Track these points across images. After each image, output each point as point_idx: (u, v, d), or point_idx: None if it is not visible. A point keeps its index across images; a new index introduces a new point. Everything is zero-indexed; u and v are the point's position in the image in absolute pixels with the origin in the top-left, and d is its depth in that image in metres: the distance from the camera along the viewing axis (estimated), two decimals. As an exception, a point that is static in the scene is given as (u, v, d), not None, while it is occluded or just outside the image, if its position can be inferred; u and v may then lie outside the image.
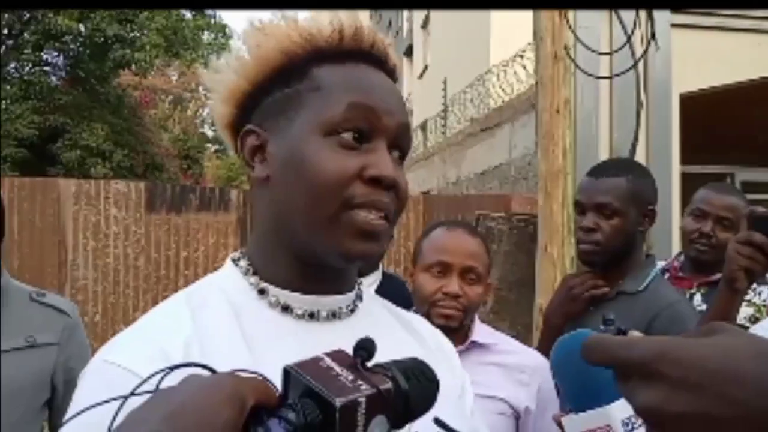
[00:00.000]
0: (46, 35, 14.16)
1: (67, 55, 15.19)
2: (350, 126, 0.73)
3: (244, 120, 0.79)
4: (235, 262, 0.80)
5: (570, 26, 3.67)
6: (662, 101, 4.02)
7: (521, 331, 4.61)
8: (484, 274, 1.56)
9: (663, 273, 2.26)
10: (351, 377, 0.50)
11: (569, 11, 3.72)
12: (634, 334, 0.68)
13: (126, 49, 14.09)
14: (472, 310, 1.54)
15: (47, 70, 15.23)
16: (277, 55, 0.76)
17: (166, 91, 17.83)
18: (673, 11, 3.98)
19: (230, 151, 0.86)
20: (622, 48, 3.62)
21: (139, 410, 0.46)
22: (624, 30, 3.73)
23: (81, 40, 14.42)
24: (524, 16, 4.68)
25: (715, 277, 2.15)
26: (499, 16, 10.77)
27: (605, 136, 4.00)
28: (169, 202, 6.15)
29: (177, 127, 17.46)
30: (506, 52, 7.57)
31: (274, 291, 0.77)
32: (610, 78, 3.80)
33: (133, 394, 0.50)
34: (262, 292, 0.77)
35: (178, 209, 6.16)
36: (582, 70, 3.69)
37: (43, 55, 15.08)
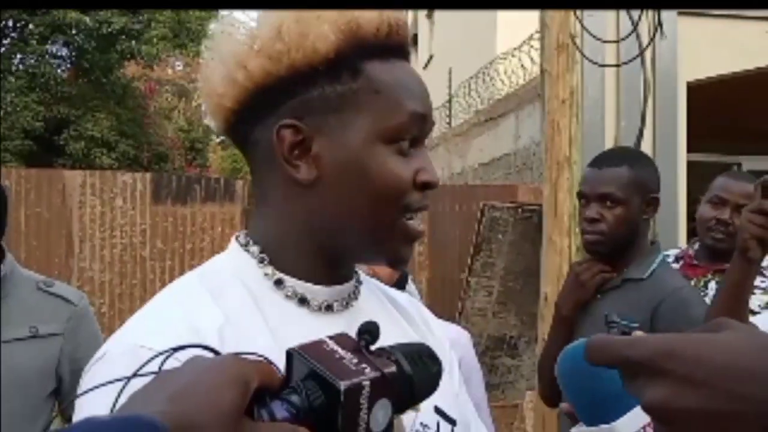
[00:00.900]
0: (53, 27, 14.17)
1: (72, 46, 15.21)
2: (410, 135, 0.75)
3: (260, 106, 0.73)
4: (244, 247, 0.77)
5: (576, 15, 3.65)
6: (669, 90, 3.99)
7: (527, 320, 4.61)
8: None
9: (677, 261, 2.27)
10: (355, 360, 0.50)
11: (575, -1, 3.70)
12: (639, 334, 0.68)
13: (132, 41, 14.11)
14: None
15: (52, 62, 15.24)
16: (328, 46, 0.70)
17: (171, 81, 17.82)
18: (679, -1, 3.95)
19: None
20: (628, 36, 3.60)
21: (144, 390, 0.46)
22: (630, 18, 3.71)
23: (87, 32, 14.42)
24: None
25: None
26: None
27: (611, 125, 3.97)
28: (174, 193, 6.17)
29: (182, 118, 17.46)
30: (512, 41, 7.53)
31: (291, 281, 0.76)
32: (616, 66, 3.78)
33: (136, 375, 0.50)
34: (279, 282, 0.75)
35: (184, 200, 6.17)
36: (588, 58, 3.66)
37: (49, 47, 15.08)
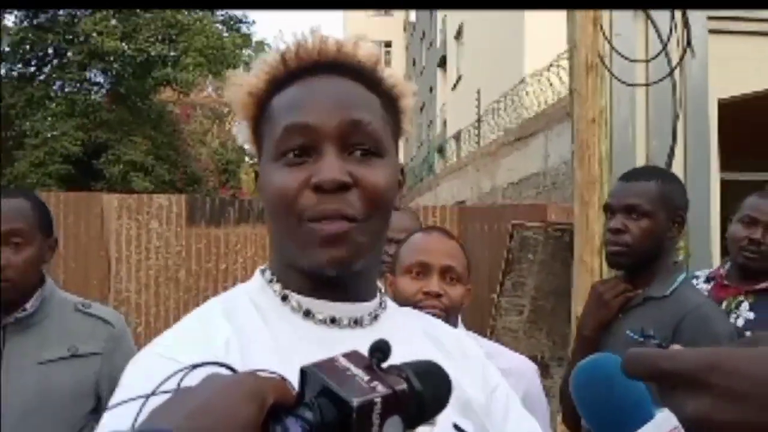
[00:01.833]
0: (91, 55, 14.58)
1: (110, 73, 15.62)
2: (290, 147, 0.77)
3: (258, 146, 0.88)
4: (261, 272, 0.86)
5: (604, 35, 3.65)
6: (700, 108, 3.95)
7: (558, 341, 4.56)
8: (464, 275, 1.55)
9: (708, 281, 2.24)
10: (367, 378, 0.52)
11: (603, 19, 3.70)
12: (676, 347, 0.68)
13: (168, 68, 14.45)
14: (454, 311, 1.53)
15: (91, 88, 15.66)
16: (247, 99, 0.82)
17: (204, 105, 18.16)
18: (708, 17, 3.92)
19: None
20: (657, 56, 3.58)
21: (163, 407, 0.48)
22: (659, 38, 3.69)
23: (124, 60, 14.81)
24: (558, 26, 4.67)
25: (763, 284, 2.12)
26: (532, 26, 10.72)
27: (642, 144, 3.94)
28: (208, 215, 6.27)
29: (215, 141, 17.75)
30: (540, 61, 7.53)
31: (296, 297, 0.81)
32: (646, 86, 3.76)
33: (154, 393, 0.52)
34: (285, 298, 0.81)
35: (218, 222, 6.26)
36: (617, 78, 3.66)
37: (87, 74, 15.51)
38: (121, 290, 6.13)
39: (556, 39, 5.48)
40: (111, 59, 14.81)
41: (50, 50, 15.48)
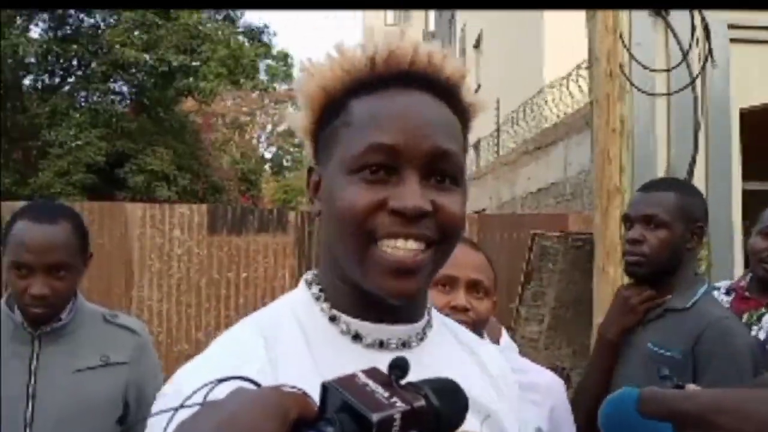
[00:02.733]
0: (115, 66, 14.80)
1: (133, 84, 15.83)
2: (370, 164, 0.73)
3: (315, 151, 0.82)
4: (308, 284, 0.81)
5: (624, 44, 3.64)
6: (721, 117, 3.93)
7: (578, 350, 4.53)
8: (491, 289, 1.53)
9: (728, 293, 2.22)
10: (386, 394, 0.53)
11: (623, 28, 3.69)
12: (691, 387, 0.68)
13: (190, 78, 14.61)
14: (480, 325, 1.52)
15: (114, 98, 15.88)
16: (319, 92, 0.77)
17: (225, 115, 18.33)
18: (729, 26, 3.90)
19: (285, 173, 0.89)
20: (678, 66, 3.56)
21: (191, 420, 0.50)
22: (680, 47, 3.68)
23: (147, 70, 15.01)
24: (578, 35, 4.66)
25: None
26: (552, 35, 10.70)
27: (662, 153, 3.92)
28: (230, 224, 6.32)
29: (236, 151, 17.90)
30: (559, 70, 7.52)
31: (345, 319, 0.77)
32: (666, 95, 3.74)
33: (182, 406, 0.53)
34: (333, 319, 0.78)
35: (239, 231, 6.31)
36: (638, 88, 3.64)
37: (111, 85, 15.74)
38: (143, 298, 6.20)
39: (576, 48, 5.47)
40: (134, 70, 15.02)
41: (74, 61, 15.73)
